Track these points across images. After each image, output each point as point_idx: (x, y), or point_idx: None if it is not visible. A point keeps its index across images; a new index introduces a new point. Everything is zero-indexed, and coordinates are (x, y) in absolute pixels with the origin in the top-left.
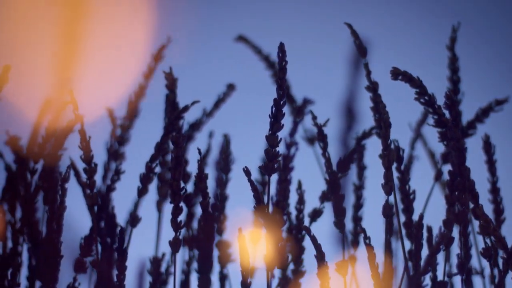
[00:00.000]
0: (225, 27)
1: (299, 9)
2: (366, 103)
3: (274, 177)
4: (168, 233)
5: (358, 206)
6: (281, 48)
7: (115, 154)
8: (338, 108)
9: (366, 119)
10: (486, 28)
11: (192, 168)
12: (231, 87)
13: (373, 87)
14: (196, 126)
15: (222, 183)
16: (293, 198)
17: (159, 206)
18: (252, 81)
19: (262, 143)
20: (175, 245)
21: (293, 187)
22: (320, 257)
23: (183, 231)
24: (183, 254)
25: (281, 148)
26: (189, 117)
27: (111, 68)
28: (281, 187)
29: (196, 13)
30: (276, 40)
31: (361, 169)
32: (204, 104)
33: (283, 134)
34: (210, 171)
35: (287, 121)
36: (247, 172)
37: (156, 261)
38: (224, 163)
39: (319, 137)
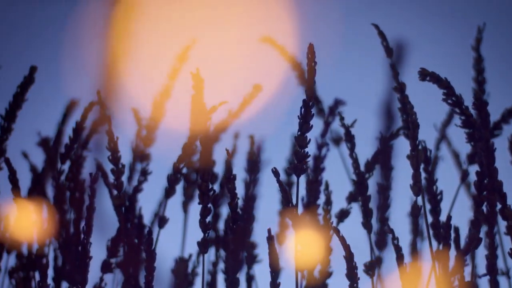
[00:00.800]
0: (251, 27)
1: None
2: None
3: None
4: (192, 233)
5: (385, 206)
6: (310, 49)
7: (140, 155)
8: (377, 109)
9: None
10: (511, 29)
11: (217, 169)
12: (257, 88)
13: (400, 88)
14: (222, 127)
15: (249, 184)
16: (320, 199)
17: (185, 207)
18: (277, 82)
19: (288, 143)
20: (203, 245)
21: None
22: (349, 258)
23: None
24: (208, 254)
25: (310, 149)
26: (214, 118)
27: (136, 68)
28: (312, 188)
29: (220, 13)
30: (301, 41)
31: (388, 169)
32: (229, 105)
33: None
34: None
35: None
36: (276, 173)
37: (182, 262)
38: (251, 164)
39: (346, 138)
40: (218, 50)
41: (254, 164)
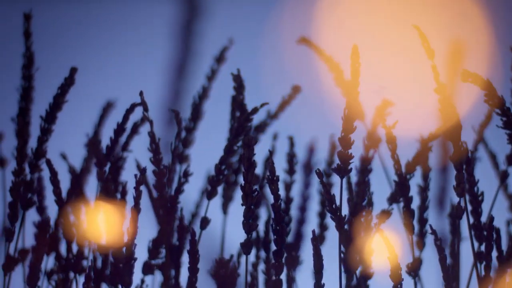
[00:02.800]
0: (288, 28)
1: (363, 12)
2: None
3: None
4: (232, 234)
5: (423, 208)
6: (355, 51)
7: (180, 156)
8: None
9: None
10: None
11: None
12: (296, 89)
13: (441, 89)
14: (260, 128)
15: (288, 185)
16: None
17: (225, 208)
18: (313, 83)
19: (325, 144)
20: (247, 247)
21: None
22: (393, 258)
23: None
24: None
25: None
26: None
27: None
28: (359, 189)
29: (258, 15)
30: (338, 43)
31: (426, 170)
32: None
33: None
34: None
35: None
36: (319, 174)
37: (223, 263)
38: (289, 165)
39: (387, 139)
40: (256, 51)
41: (306, 166)
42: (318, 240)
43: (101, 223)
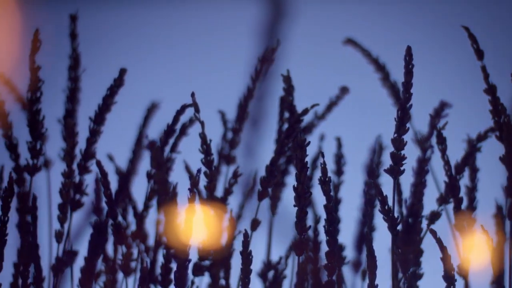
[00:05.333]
0: (334, 29)
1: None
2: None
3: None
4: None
5: (471, 208)
6: (408, 52)
7: (226, 157)
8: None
9: (479, 122)
10: None
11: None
12: (344, 90)
13: (491, 90)
14: (308, 129)
15: (336, 186)
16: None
17: (273, 209)
18: (357, 84)
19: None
20: (299, 248)
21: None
22: (446, 259)
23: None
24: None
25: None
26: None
27: (220, 71)
28: (416, 190)
29: (304, 15)
30: (385, 44)
31: (474, 171)
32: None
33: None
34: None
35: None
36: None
37: (271, 265)
38: (337, 166)
39: (438, 140)
40: (302, 52)
41: (370, 168)
42: (372, 240)
43: (156, 224)
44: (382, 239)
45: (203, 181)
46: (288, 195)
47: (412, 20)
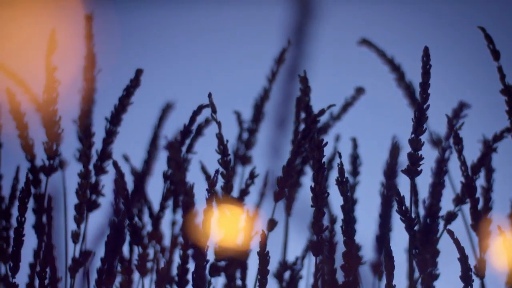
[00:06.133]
0: (349, 30)
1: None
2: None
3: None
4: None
5: (487, 209)
6: (426, 52)
7: (242, 157)
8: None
9: (495, 123)
10: None
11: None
12: (360, 91)
13: (508, 91)
14: (323, 129)
15: (352, 187)
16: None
17: (288, 209)
18: (372, 84)
19: (386, 145)
20: (316, 248)
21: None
22: (464, 259)
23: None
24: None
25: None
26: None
27: (236, 72)
28: (435, 190)
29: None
30: (400, 46)
31: (490, 171)
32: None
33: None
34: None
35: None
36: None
37: (286, 265)
38: (353, 167)
39: (455, 141)
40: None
41: (390, 169)
42: (389, 240)
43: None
44: (398, 240)
45: (219, 182)
46: (303, 195)
47: (427, 20)
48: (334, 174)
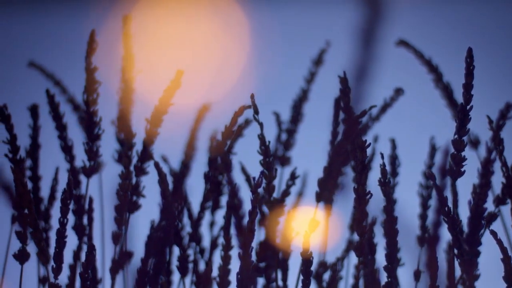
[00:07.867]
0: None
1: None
2: None
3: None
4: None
5: None
6: (469, 53)
7: (281, 158)
8: None
9: None
10: None
11: None
12: (398, 92)
13: None
14: (362, 130)
15: (391, 188)
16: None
17: (328, 209)
18: (409, 85)
19: (425, 146)
20: (359, 249)
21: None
22: (507, 260)
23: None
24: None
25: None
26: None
27: (274, 74)
28: (481, 191)
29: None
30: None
31: None
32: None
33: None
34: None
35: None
36: (431, 176)
37: (326, 266)
38: (392, 168)
39: (496, 142)
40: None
41: (442, 168)
42: (435, 242)
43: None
44: None
45: None
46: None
47: (467, 21)
48: (372, 175)
